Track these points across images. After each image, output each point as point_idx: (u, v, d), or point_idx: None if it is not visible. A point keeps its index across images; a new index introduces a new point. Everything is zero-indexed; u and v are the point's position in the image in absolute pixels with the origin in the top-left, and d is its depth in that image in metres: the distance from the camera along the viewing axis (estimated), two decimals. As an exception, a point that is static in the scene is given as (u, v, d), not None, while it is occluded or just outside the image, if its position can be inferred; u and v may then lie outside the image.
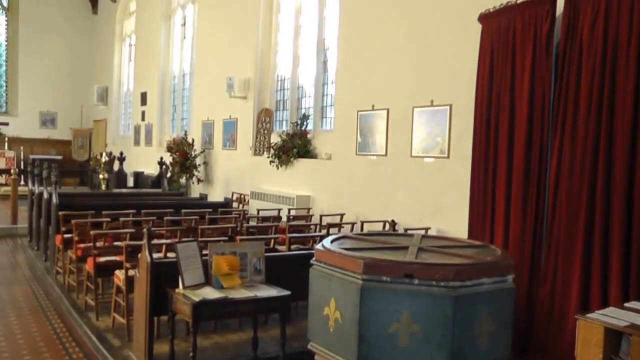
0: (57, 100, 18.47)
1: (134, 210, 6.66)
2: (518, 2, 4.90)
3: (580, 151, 4.28)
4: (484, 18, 5.24)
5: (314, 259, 3.12)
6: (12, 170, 11.49)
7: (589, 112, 4.25)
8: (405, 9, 6.60)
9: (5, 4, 18.19)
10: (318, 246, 3.16)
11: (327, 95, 8.44)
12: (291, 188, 8.43)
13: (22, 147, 17.20)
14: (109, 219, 6.12)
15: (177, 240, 4.98)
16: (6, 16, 18.26)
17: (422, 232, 5.79)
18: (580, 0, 4.38)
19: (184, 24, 13.12)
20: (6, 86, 18.53)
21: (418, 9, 6.42)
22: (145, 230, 4.05)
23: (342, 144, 7.57)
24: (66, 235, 6.26)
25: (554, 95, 4.56)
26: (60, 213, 6.50)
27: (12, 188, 10.77)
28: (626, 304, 3.28)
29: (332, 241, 3.26)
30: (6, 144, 17.12)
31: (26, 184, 11.12)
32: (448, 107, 5.87)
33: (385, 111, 6.74)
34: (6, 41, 18.35)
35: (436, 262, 2.83)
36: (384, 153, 6.79)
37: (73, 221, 5.76)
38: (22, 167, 14.97)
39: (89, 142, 18.58)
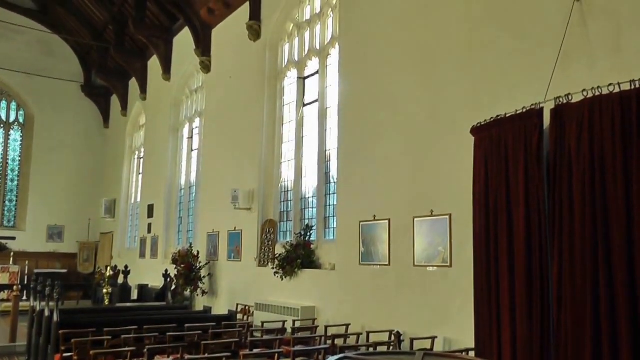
0: (65, 213, 18.72)
1: (136, 327, 6.58)
2: (507, 115, 5.13)
3: (580, 256, 4.32)
4: (476, 130, 5.46)
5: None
6: (14, 287, 11.44)
7: (584, 219, 4.34)
8: (401, 122, 6.88)
9: (22, 120, 18.92)
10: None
11: (329, 205, 8.58)
12: (296, 299, 8.36)
13: (27, 262, 17.19)
14: (110, 337, 6.04)
15: (179, 356, 4.90)
16: (22, 133, 18.93)
17: (429, 341, 5.71)
18: (565, 115, 4.62)
19: (191, 137, 13.57)
20: (16, 201, 18.86)
21: (412, 121, 6.69)
22: (146, 350, 4.01)
23: (345, 254, 7.60)
24: (66, 354, 6.15)
25: (549, 202, 4.67)
26: (61, 332, 6.43)
27: (13, 304, 10.66)
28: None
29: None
30: (11, 259, 17.14)
31: (29, 300, 11.03)
32: (448, 217, 5.97)
33: (387, 221, 6.83)
34: (20, 157, 18.90)
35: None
36: (387, 263, 6.80)
37: (73, 340, 5.69)
38: (25, 282, 14.90)
39: (94, 255, 18.61)
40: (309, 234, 8.55)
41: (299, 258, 8.39)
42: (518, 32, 5.58)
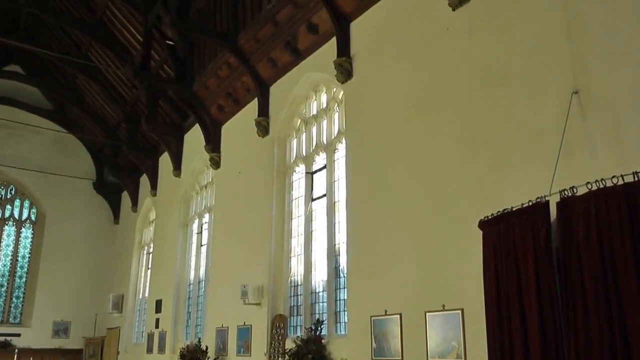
0: (72, 309, 18.52)
1: None
2: (514, 209, 5.19)
3: (597, 346, 4.24)
4: (483, 224, 5.51)
5: None
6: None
7: (599, 311, 4.29)
8: (409, 215, 6.95)
9: (33, 218, 19.13)
10: None
11: (340, 300, 8.50)
12: (307, 397, 8.13)
13: (31, 358, 16.88)
14: None
15: None
16: (33, 230, 19.09)
17: None
18: (571, 208, 4.67)
19: (200, 232, 13.64)
20: (23, 297, 18.74)
21: (420, 214, 6.76)
22: None
23: (357, 349, 7.46)
24: None
25: (561, 295, 4.64)
26: None
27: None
28: None
29: None
30: (15, 356, 16.83)
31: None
32: (460, 312, 5.92)
33: (398, 316, 6.77)
34: (29, 254, 18.96)
35: None
36: (400, 358, 6.68)
37: None
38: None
39: (100, 351, 18.25)
40: (319, 328, 8.43)
41: (309, 353, 8.23)
42: (519, 125, 5.74)
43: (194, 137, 13.77)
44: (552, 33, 5.57)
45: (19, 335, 17.45)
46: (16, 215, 18.92)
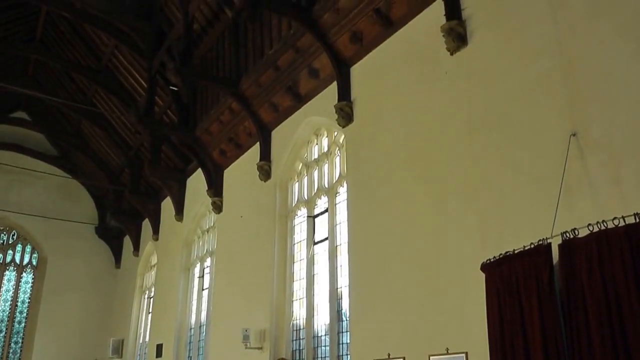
0: (71, 354, 18.19)
1: None
2: (516, 251, 5.17)
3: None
4: (486, 267, 5.48)
5: None
6: None
7: (605, 354, 4.23)
8: (411, 258, 6.92)
9: (34, 263, 19.05)
10: None
11: (342, 343, 8.39)
12: None
13: (25, 408, 16.56)
14: None
15: None
16: (33, 275, 18.98)
17: None
18: (573, 250, 4.65)
19: (202, 276, 13.57)
20: (22, 343, 18.48)
21: (423, 257, 6.73)
22: None
23: (360, 395, 7.33)
24: None
25: (566, 338, 4.58)
26: None
27: None
28: None
29: None
30: (14, 403, 16.54)
31: None
32: (464, 355, 5.84)
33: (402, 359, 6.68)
34: (29, 299, 18.80)
35: None
36: (404, 404, 6.55)
37: None
38: None
39: (98, 397, 17.92)
40: (322, 374, 8.30)
41: (312, 400, 8.09)
42: (518, 167, 5.78)
43: (197, 182, 13.83)
44: (548, 76, 5.66)
45: (15, 382, 17.18)
46: (17, 260, 18.83)
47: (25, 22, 15.62)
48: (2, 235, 18.74)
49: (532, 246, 5.02)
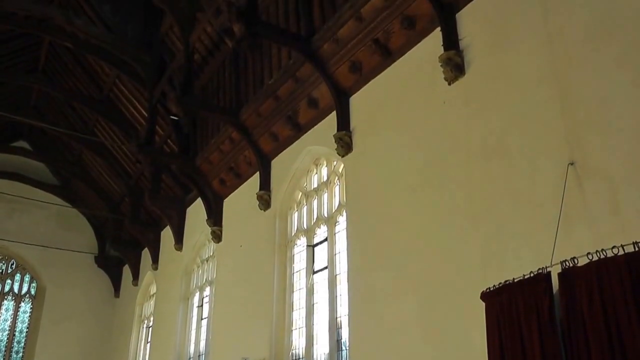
0: (69, 384, 18.08)
1: None
2: (515, 280, 5.15)
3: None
4: (486, 296, 5.44)
5: None
6: None
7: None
8: (411, 288, 6.87)
9: (33, 293, 18.91)
10: None
11: (342, 374, 8.30)
12: None
13: None
14: None
15: None
16: (32, 305, 18.83)
17: None
18: (573, 279, 4.63)
19: (201, 305, 13.47)
20: (19, 374, 18.30)
21: (422, 286, 6.69)
22: None
23: None
24: None
25: (568, 367, 4.54)
26: None
27: None
28: None
29: None
30: None
31: None
32: (465, 386, 5.76)
33: (402, 391, 6.58)
34: (27, 328, 18.62)
35: None
36: None
37: None
38: None
39: None
40: (322, 406, 8.19)
41: None
42: (517, 196, 5.78)
43: (196, 211, 13.80)
44: (546, 105, 5.69)
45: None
46: (15, 289, 18.71)
47: (28, 53, 15.82)
48: (0, 264, 18.66)
49: (532, 275, 5.00)
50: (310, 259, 9.74)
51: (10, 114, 14.64)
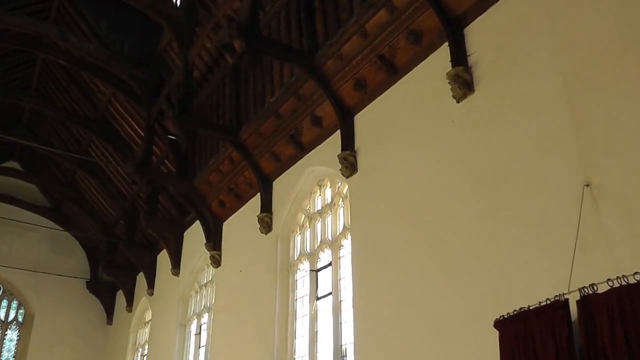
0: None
1: None
2: (531, 307, 4.91)
3: None
4: (500, 324, 5.19)
5: None
6: None
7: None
8: (420, 315, 6.60)
9: (20, 319, 18.38)
10: None
11: (348, 406, 7.93)
12: None
13: None
14: None
15: None
16: (19, 332, 18.28)
17: None
18: (593, 306, 4.41)
19: (199, 332, 13.13)
20: (6, 404, 17.72)
21: (432, 314, 6.42)
22: None
23: None
24: None
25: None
26: None
27: None
28: None
29: None
30: None
31: None
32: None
33: None
34: (14, 357, 18.03)
35: None
36: None
37: None
38: None
39: None
40: None
41: None
42: (530, 220, 5.56)
43: (194, 234, 13.50)
44: (557, 125, 5.52)
45: None
46: (2, 316, 18.16)
47: (21, 70, 15.66)
48: (-14, 290, 18.16)
49: (548, 302, 4.79)
50: (314, 284, 9.44)
51: (0, 133, 14.27)
